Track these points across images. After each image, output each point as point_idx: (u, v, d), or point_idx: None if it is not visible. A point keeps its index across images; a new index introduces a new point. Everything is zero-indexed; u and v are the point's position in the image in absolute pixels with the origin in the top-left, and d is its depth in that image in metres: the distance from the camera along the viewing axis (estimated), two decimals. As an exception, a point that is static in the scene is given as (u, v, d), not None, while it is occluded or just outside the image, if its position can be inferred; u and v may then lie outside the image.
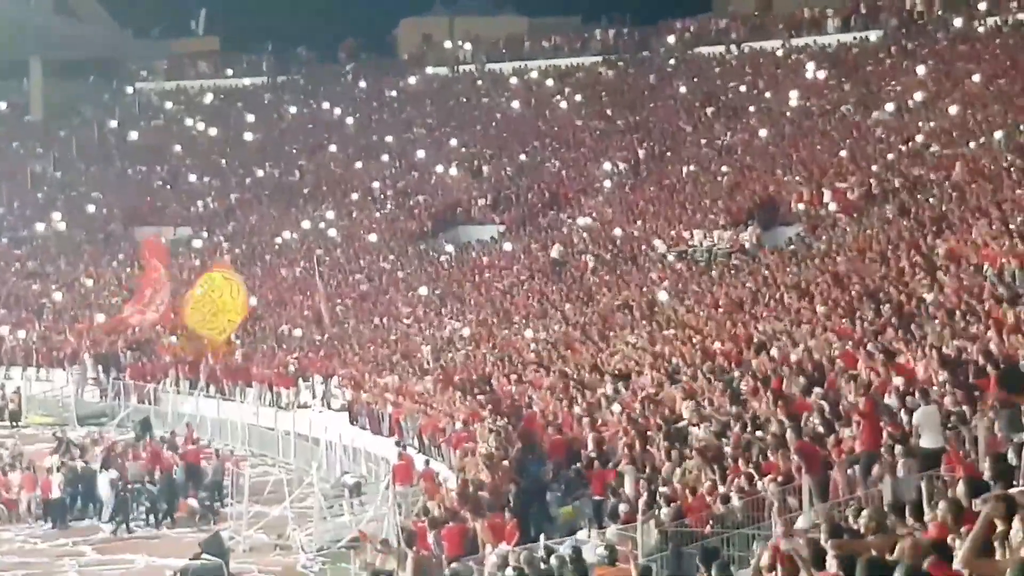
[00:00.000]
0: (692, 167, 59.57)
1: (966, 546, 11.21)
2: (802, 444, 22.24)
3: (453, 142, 74.62)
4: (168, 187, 79.11)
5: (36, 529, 38.11)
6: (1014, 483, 15.04)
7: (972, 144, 47.67)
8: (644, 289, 45.46)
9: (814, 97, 63.26)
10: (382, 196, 70.05)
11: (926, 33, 67.28)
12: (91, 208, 78.42)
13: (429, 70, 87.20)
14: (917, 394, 22.45)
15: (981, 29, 64.66)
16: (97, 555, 35.25)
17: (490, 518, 25.88)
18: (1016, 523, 11.75)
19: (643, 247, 51.57)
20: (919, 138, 50.92)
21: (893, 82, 61.05)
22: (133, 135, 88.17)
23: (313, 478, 36.76)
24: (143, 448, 42.87)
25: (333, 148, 78.38)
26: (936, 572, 11.15)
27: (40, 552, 35.63)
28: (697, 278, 45.32)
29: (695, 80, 72.59)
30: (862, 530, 14.10)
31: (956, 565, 11.13)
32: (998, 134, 47.31)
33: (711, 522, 21.53)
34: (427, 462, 35.64)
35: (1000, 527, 11.72)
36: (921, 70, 60.47)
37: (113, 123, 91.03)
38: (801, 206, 49.25)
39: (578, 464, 28.90)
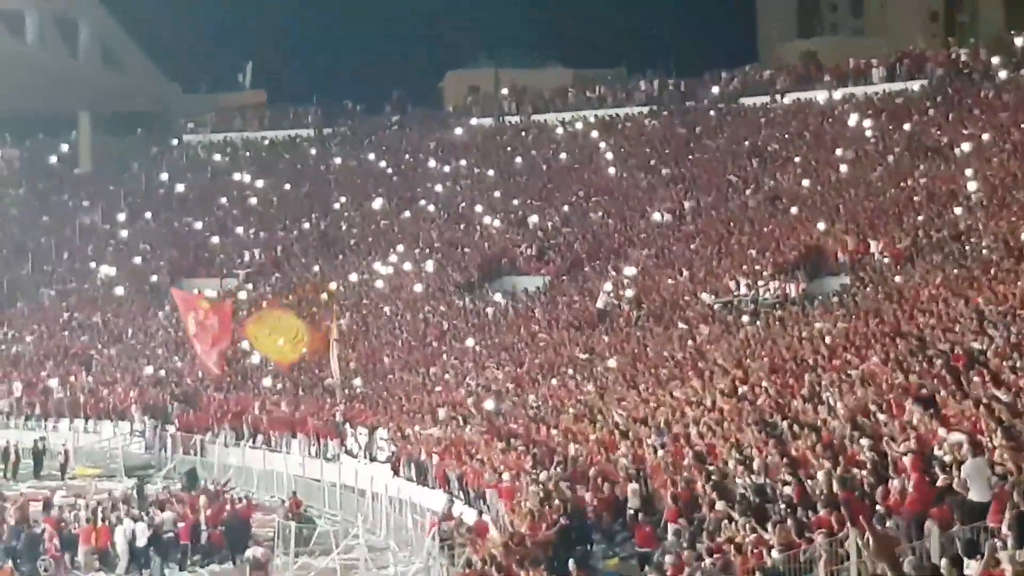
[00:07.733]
0: (737, 217, 59.44)
1: None
2: (848, 496, 22.05)
3: (498, 193, 74.81)
4: (215, 239, 79.54)
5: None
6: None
7: (1018, 194, 47.39)
8: (689, 340, 45.22)
9: (859, 147, 63.09)
10: (428, 247, 70.17)
11: (972, 83, 67.05)
12: (138, 260, 78.94)
13: (474, 121, 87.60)
14: (966, 446, 22.19)
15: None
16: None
17: (535, 570, 25.73)
18: None
19: (688, 298, 51.38)
20: (968, 187, 50.63)
21: (939, 132, 60.85)
22: (180, 187, 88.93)
23: (359, 530, 36.77)
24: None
25: (379, 199, 78.67)
26: None
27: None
28: (743, 328, 45.06)
29: (740, 130, 72.55)
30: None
31: None
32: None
33: (757, 574, 21.33)
34: (480, 514, 35.50)
35: None
36: (967, 120, 60.23)
37: (161, 176, 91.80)
38: (847, 256, 49.01)
39: (623, 516, 28.75)
